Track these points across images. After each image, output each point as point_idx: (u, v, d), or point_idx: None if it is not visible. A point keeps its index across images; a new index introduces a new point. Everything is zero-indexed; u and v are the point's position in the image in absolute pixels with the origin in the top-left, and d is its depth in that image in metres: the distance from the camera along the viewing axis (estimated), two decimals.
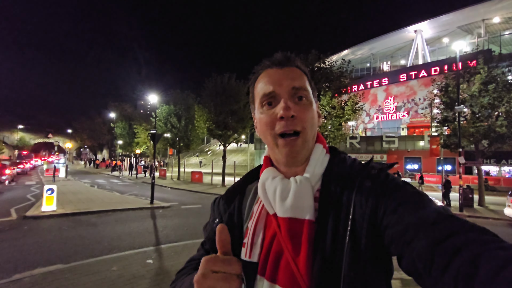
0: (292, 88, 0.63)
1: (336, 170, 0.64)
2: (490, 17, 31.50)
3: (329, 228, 0.57)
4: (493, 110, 12.46)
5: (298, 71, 0.67)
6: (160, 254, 5.51)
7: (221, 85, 19.94)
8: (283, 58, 0.67)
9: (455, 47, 13.13)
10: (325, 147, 0.69)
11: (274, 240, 0.62)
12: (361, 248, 0.54)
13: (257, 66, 0.70)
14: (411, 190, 0.56)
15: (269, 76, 0.66)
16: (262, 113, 0.65)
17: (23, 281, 4.06)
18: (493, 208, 12.35)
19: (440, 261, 0.41)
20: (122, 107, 41.89)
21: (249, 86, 0.72)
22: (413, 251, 0.45)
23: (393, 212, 0.52)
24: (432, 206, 0.50)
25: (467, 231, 0.43)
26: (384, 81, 37.46)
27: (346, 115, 15.89)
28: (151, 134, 12.72)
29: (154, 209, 10.58)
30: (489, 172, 24.21)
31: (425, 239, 0.44)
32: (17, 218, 8.36)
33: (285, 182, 0.63)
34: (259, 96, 0.66)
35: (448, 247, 0.41)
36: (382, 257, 0.56)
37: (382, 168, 0.61)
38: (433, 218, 0.47)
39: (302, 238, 0.58)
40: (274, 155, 0.68)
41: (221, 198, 0.76)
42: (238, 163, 34.82)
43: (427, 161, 26.40)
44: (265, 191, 0.65)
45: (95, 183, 20.57)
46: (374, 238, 0.54)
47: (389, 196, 0.55)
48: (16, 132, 57.73)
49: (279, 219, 0.62)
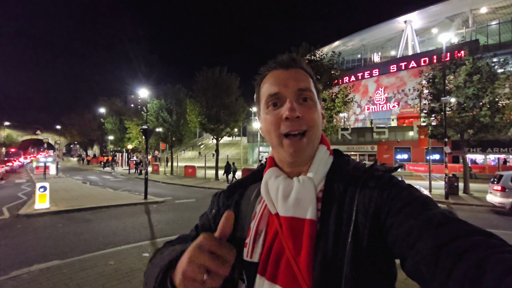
0: (298, 89, 0.64)
1: (340, 171, 0.64)
2: (478, 7, 31.88)
3: (331, 228, 0.57)
4: (477, 100, 12.79)
5: (303, 73, 0.68)
6: (156, 248, 5.63)
7: (212, 78, 19.83)
8: (289, 60, 0.68)
9: (442, 39, 13.37)
10: (328, 148, 0.70)
11: (276, 240, 0.62)
12: (363, 249, 0.54)
13: (262, 67, 0.71)
14: (415, 192, 0.55)
15: (275, 78, 0.66)
16: (268, 114, 0.66)
17: (22, 277, 4.13)
18: (477, 195, 12.82)
19: (445, 265, 0.40)
20: (112, 102, 41.27)
21: (255, 86, 0.74)
22: (417, 254, 0.45)
23: (397, 213, 0.52)
24: (437, 209, 0.50)
25: (473, 234, 0.42)
26: (374, 72, 37.85)
27: (337, 107, 16.13)
28: (143, 130, 12.65)
29: (148, 204, 10.66)
30: (476, 160, 24.98)
31: (430, 241, 0.44)
32: (10, 217, 8.33)
33: (288, 181, 0.64)
34: (265, 96, 0.67)
35: (453, 250, 0.40)
36: (385, 259, 0.55)
37: (386, 170, 0.61)
38: (438, 220, 0.46)
39: (303, 237, 0.58)
40: (279, 155, 0.68)
41: (222, 192, 0.78)
42: (231, 157, 34.88)
43: (416, 151, 27.02)
44: (268, 190, 0.66)
45: (87, 179, 20.42)
46: (377, 239, 0.54)
47: (393, 197, 0.55)
48: (3, 129, 56.19)
49: (281, 218, 0.62)
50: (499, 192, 9.38)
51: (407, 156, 28.11)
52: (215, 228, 0.60)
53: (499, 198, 9.37)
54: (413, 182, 14.27)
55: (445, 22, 35.21)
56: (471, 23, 32.95)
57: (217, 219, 0.71)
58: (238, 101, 20.83)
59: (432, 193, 11.92)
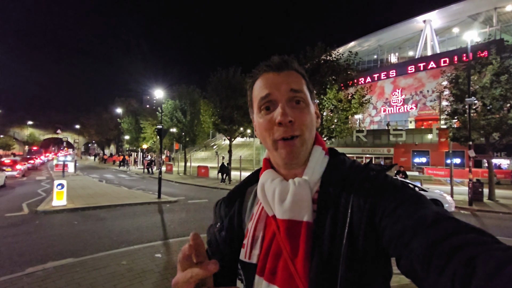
0: (290, 91, 0.64)
1: (335, 171, 0.65)
2: (503, 6, 30.51)
3: (327, 229, 0.57)
4: (505, 102, 12.13)
5: (295, 74, 0.67)
6: (168, 248, 5.59)
7: (226, 79, 19.91)
8: (281, 62, 0.66)
9: (466, 37, 12.79)
10: (324, 148, 0.69)
11: (273, 242, 0.63)
12: (359, 249, 0.54)
13: (254, 69, 0.70)
14: (409, 191, 0.56)
15: (266, 81, 0.66)
16: (261, 118, 0.66)
17: (36, 274, 4.16)
18: (503, 202, 12.14)
19: (437, 263, 0.40)
20: (128, 102, 42.37)
21: (247, 89, 0.73)
22: (411, 253, 0.45)
23: (391, 213, 0.52)
24: (430, 208, 0.50)
25: (466, 232, 0.43)
26: (391, 73, 36.81)
27: (353, 109, 15.71)
28: (158, 129, 12.81)
29: (161, 204, 10.70)
30: (500, 165, 23.74)
31: (423, 240, 0.44)
32: (29, 213, 8.56)
33: (284, 184, 0.64)
34: (257, 100, 0.67)
35: (445, 248, 0.41)
36: (381, 258, 0.56)
37: (380, 170, 0.61)
38: (431, 219, 0.46)
39: (300, 239, 0.59)
40: (274, 158, 0.69)
41: (222, 201, 0.78)
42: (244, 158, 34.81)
43: (435, 155, 25.98)
44: (264, 192, 0.66)
45: (103, 178, 20.89)
46: (372, 239, 0.54)
47: (388, 197, 0.55)
48: (26, 128, 58.63)
49: (278, 220, 0.62)
50: None
51: (426, 159, 27.12)
52: (221, 242, 0.71)
53: None
54: (433, 187, 13.65)
55: (467, 21, 33.88)
56: (495, 22, 31.55)
57: (222, 231, 0.72)
58: None
59: (455, 199, 11.31)
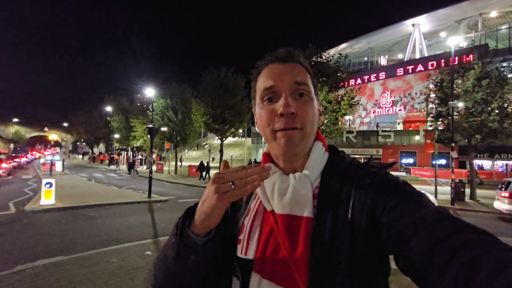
0: (294, 83, 0.62)
1: (336, 167, 0.64)
2: (488, 12, 31.47)
3: (327, 225, 0.56)
4: (486, 105, 12.61)
5: (300, 67, 0.66)
6: (158, 246, 5.65)
7: (218, 79, 19.91)
8: (286, 54, 0.65)
9: (450, 42, 13.22)
10: (324, 145, 0.69)
11: (271, 237, 0.61)
12: (359, 245, 0.54)
13: (259, 61, 0.69)
14: (411, 189, 0.56)
15: (271, 71, 0.65)
16: (263, 108, 0.65)
17: (26, 272, 4.17)
18: (484, 202, 12.61)
19: (438, 262, 0.40)
20: (118, 100, 41.59)
21: (251, 80, 0.71)
22: (411, 251, 0.45)
23: (392, 210, 0.51)
24: (432, 206, 0.50)
25: (467, 231, 0.42)
26: (381, 75, 37.53)
27: (342, 110, 16.00)
28: (149, 128, 12.75)
29: (151, 203, 10.71)
30: (483, 166, 24.59)
31: (424, 238, 0.43)
32: (16, 212, 8.43)
33: (284, 178, 0.63)
34: (260, 90, 0.65)
35: (447, 247, 0.40)
36: (380, 255, 0.55)
37: (381, 167, 0.62)
38: (432, 217, 0.46)
39: (300, 235, 0.57)
40: (273, 149, 0.67)
41: None
42: (235, 157, 34.96)
43: (422, 156, 26.69)
44: (263, 187, 0.64)
45: (93, 177, 20.61)
46: (372, 236, 0.54)
47: (389, 194, 0.54)
48: (11, 125, 57.05)
49: (277, 215, 0.61)
50: (507, 199, 9.22)
51: (413, 160, 27.80)
52: None
53: (507, 205, 9.21)
54: (419, 187, 13.97)
55: (454, 25, 34.81)
56: (481, 27, 32.52)
57: None
58: (243, 102, 20.88)
59: (438, 199, 11.74)
